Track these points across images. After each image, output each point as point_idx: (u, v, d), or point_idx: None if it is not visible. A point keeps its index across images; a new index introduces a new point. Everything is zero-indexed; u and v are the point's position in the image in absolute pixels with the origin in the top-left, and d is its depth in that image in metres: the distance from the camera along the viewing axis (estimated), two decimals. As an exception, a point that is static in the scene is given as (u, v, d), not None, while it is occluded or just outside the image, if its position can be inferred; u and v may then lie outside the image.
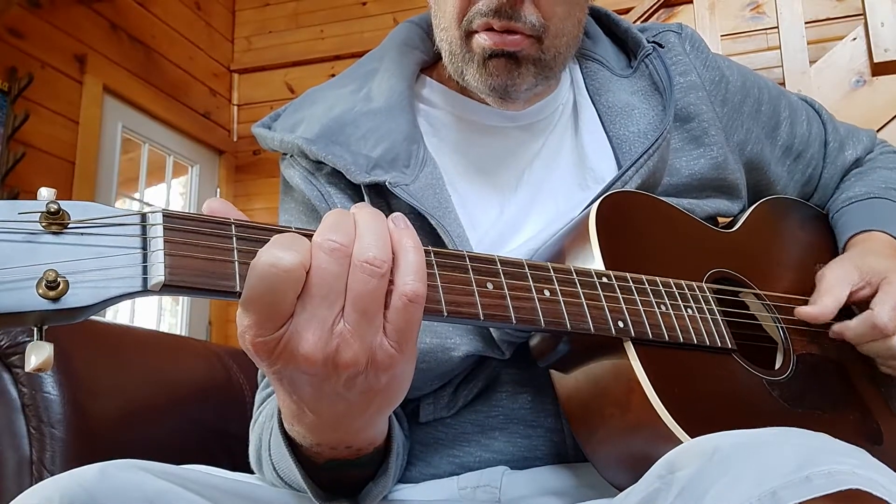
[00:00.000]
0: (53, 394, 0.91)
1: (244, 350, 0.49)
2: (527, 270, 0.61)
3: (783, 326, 0.79)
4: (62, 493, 0.56)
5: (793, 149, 1.00)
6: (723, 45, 2.83)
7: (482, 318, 0.56)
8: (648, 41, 0.90)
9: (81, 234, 0.44)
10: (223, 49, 4.36)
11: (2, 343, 0.91)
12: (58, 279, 0.42)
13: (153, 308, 3.75)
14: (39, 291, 0.41)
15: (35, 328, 0.43)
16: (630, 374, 0.63)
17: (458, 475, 0.78)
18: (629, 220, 0.75)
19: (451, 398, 0.78)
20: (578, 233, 0.72)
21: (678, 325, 0.67)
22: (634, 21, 2.74)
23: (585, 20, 0.86)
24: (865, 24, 2.45)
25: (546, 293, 0.61)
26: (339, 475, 0.65)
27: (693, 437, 0.57)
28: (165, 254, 0.45)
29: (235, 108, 4.36)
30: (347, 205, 0.80)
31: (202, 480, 0.67)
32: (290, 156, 0.86)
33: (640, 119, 0.86)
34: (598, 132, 0.87)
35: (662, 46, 0.91)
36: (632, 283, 0.67)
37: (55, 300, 0.41)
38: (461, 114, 0.87)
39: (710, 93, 0.90)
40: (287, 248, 0.46)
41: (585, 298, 0.63)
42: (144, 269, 0.45)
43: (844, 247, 0.93)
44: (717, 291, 0.76)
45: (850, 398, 0.79)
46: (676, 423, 0.60)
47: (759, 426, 0.53)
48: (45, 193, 0.45)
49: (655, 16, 3.03)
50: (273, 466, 0.70)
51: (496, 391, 0.78)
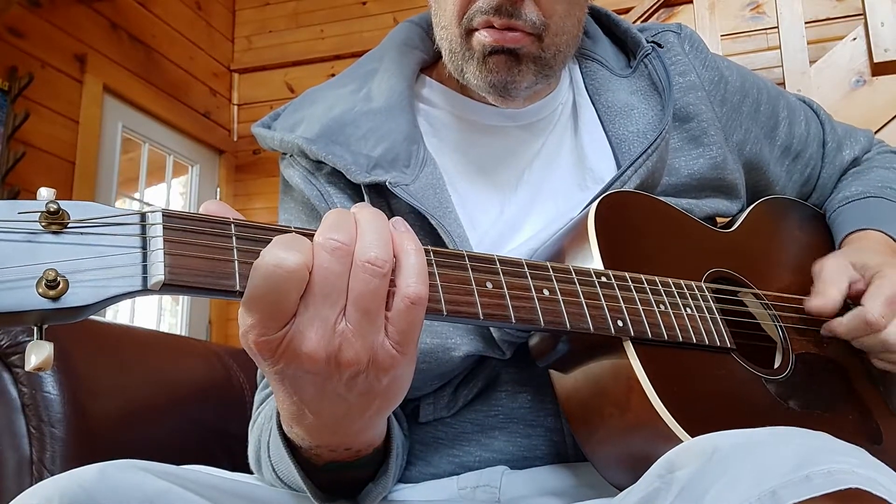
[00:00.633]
0: (53, 393, 0.91)
1: (246, 350, 0.49)
2: (526, 270, 0.61)
3: (782, 325, 0.80)
4: (62, 493, 0.56)
5: (791, 149, 1.00)
6: (723, 45, 2.83)
7: (482, 318, 0.56)
8: (648, 41, 0.90)
9: (81, 234, 0.44)
10: (223, 49, 4.37)
11: (2, 342, 0.91)
12: (58, 278, 0.42)
13: (153, 308, 3.75)
14: (39, 291, 0.41)
15: (35, 327, 0.43)
16: (629, 374, 0.63)
17: (458, 475, 0.78)
18: (628, 220, 0.75)
19: (451, 398, 0.79)
20: (577, 233, 0.72)
21: (677, 325, 0.67)
22: (634, 21, 2.74)
23: (585, 19, 0.86)
24: (865, 24, 2.45)
25: (545, 293, 0.61)
26: (339, 476, 0.65)
27: (692, 437, 0.57)
28: (165, 253, 0.45)
29: (235, 108, 4.36)
30: (347, 205, 0.80)
31: (202, 480, 0.67)
32: (290, 155, 0.86)
33: (640, 119, 0.86)
34: (598, 132, 0.87)
35: (662, 46, 0.91)
36: (631, 283, 0.67)
37: (55, 299, 0.41)
38: (461, 113, 0.87)
39: (709, 93, 0.90)
40: (290, 249, 0.46)
41: (585, 298, 0.63)
42: (144, 269, 0.45)
43: (840, 245, 0.93)
44: (716, 291, 0.76)
45: (849, 397, 0.79)
46: (676, 423, 0.60)
47: (759, 425, 0.53)
48: (45, 193, 0.45)
49: (655, 16, 3.03)
50: (272, 468, 0.70)
51: (496, 391, 0.78)
